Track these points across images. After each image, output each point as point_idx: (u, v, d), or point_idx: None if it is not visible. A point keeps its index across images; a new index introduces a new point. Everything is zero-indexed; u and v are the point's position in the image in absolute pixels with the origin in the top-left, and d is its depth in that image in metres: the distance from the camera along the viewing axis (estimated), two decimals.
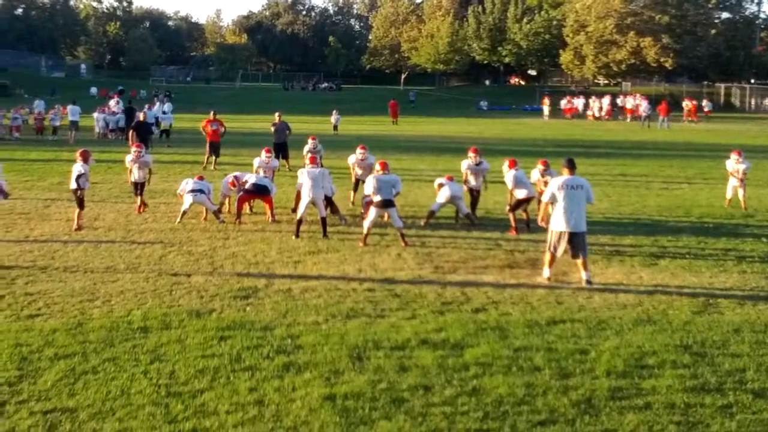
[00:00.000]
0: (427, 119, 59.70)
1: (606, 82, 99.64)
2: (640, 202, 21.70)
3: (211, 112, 30.98)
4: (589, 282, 12.95)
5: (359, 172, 20.17)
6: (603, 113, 67.63)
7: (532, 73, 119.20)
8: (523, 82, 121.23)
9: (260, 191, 18.64)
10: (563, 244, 13.08)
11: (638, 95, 70.93)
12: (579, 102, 72.66)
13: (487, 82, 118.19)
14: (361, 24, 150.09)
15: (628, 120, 63.91)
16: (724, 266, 14.48)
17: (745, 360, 9.59)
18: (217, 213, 18.32)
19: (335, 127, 46.74)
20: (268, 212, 18.75)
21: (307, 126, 43.64)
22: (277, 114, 30.77)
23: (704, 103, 69.72)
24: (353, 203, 20.51)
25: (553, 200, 13.19)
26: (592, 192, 13.39)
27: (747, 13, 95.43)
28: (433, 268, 14.06)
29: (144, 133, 28.82)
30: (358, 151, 20.24)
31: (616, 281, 13.28)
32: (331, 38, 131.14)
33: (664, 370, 9.21)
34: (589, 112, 68.48)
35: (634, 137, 46.67)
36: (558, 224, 13.11)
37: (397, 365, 9.23)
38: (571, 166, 13.42)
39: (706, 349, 9.98)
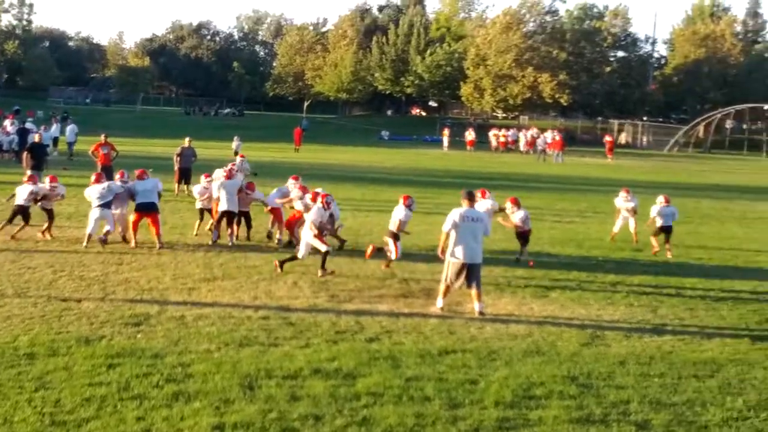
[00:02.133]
0: (329, 147, 59.86)
1: (504, 115, 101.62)
2: (533, 234, 22.08)
3: (102, 136, 30.30)
4: (481, 313, 13.14)
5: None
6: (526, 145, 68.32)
7: (433, 104, 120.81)
8: (424, 113, 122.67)
9: (148, 209, 18.14)
10: (461, 276, 13.21)
11: (556, 131, 72.04)
12: (505, 134, 73.11)
13: (389, 112, 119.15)
14: (266, 50, 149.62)
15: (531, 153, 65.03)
16: (612, 299, 14.88)
17: (630, 392, 9.84)
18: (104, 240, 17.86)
19: (236, 153, 46.40)
20: (154, 235, 18.14)
21: (208, 151, 43.24)
22: (187, 139, 30.52)
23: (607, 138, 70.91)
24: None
25: (452, 230, 13.27)
26: (489, 225, 13.74)
27: (641, 52, 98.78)
28: (329, 297, 14.09)
29: (39, 156, 28.03)
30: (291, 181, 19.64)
31: (507, 312, 13.51)
32: (235, 64, 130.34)
33: (551, 400, 9.39)
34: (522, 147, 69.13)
35: (529, 170, 47.59)
36: (456, 255, 13.27)
37: (288, 394, 9.21)
38: (470, 198, 13.66)
39: (592, 380, 10.22)
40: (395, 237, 16.78)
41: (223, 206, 18.68)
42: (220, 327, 11.87)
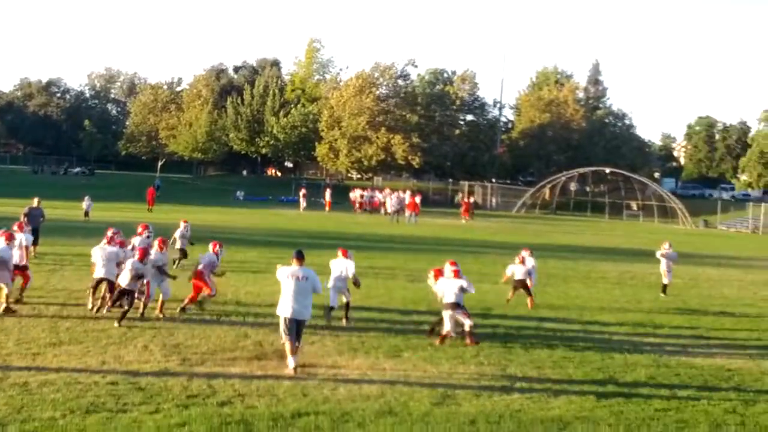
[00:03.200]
0: (183, 207, 58.95)
1: (359, 176, 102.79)
2: (387, 294, 22.36)
3: None
4: (295, 369, 13.41)
5: None
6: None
7: (289, 164, 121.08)
8: (279, 173, 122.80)
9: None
10: (293, 329, 13.64)
11: (417, 193, 72.87)
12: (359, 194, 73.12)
13: (245, 172, 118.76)
14: (119, 109, 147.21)
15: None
16: (463, 358, 15.14)
17: None
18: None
19: (86, 213, 45.30)
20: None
21: (57, 211, 42.06)
22: (35, 199, 29.58)
23: (459, 197, 71.80)
24: None
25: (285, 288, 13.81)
26: (318, 282, 14.04)
27: (489, 116, 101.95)
28: (181, 360, 13.86)
29: None
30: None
31: (361, 373, 13.58)
32: (86, 122, 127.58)
33: None
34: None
35: (383, 231, 48.05)
36: (284, 311, 13.76)
37: None
38: (300, 257, 14.17)
39: None
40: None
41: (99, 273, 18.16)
42: (66, 393, 11.51)
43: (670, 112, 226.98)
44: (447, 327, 16.18)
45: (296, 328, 13.74)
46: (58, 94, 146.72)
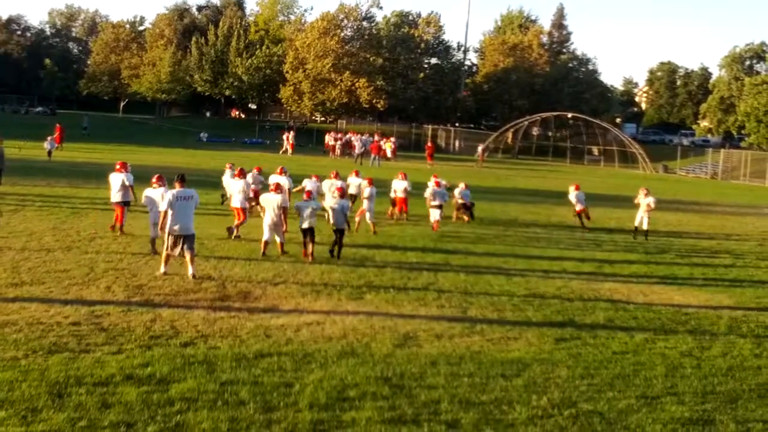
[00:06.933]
0: (146, 149, 58.32)
1: (323, 119, 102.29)
2: (349, 236, 22.37)
3: None
4: (194, 276, 15.80)
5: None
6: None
7: (253, 106, 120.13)
8: (243, 115, 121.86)
9: None
10: (178, 245, 15.83)
11: (392, 138, 72.73)
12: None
13: (208, 114, 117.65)
14: (80, 48, 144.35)
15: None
16: (425, 300, 15.32)
17: (440, 392, 10.18)
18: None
19: (49, 153, 44.86)
20: None
21: (19, 151, 41.62)
22: None
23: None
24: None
25: (169, 208, 15.92)
26: (198, 199, 16.69)
27: (454, 60, 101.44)
28: (144, 301, 13.91)
29: None
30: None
31: (323, 314, 13.68)
32: (47, 61, 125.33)
33: (364, 402, 9.61)
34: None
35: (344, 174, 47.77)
36: (172, 229, 15.89)
37: (99, 402, 9.04)
38: (182, 180, 16.49)
39: (404, 381, 10.51)
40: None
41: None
42: (28, 333, 11.50)
43: (633, 56, 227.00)
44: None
45: (186, 241, 15.89)
46: (18, 32, 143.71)
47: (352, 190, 26.53)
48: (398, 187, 27.47)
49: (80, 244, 19.09)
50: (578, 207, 28.30)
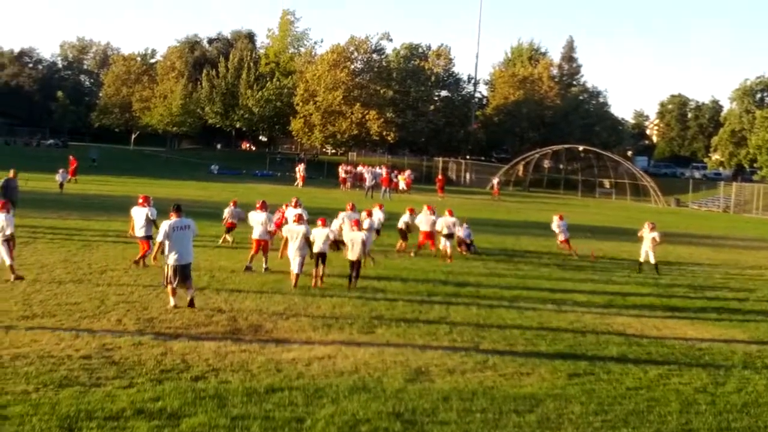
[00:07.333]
0: (157, 181, 58.57)
1: (333, 151, 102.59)
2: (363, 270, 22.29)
3: None
4: (191, 303, 15.96)
5: None
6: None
7: (263, 139, 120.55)
8: (254, 147, 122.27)
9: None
10: (177, 275, 15.74)
11: (408, 171, 72.80)
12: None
13: (219, 146, 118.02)
14: (92, 80, 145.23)
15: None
16: (437, 334, 15.22)
17: (453, 427, 10.09)
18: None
19: (61, 186, 45.00)
20: None
21: (30, 183, 41.76)
22: (12, 170, 29.46)
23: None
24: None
25: (166, 239, 15.87)
26: (195, 228, 16.62)
27: (464, 92, 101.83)
28: (155, 335, 13.84)
29: None
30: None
31: (334, 348, 13.60)
32: (59, 93, 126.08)
33: None
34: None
35: (359, 206, 47.83)
36: (171, 259, 15.83)
37: None
38: (178, 210, 16.44)
39: (416, 416, 10.42)
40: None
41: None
42: (39, 367, 11.46)
43: (643, 89, 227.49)
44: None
45: (184, 272, 15.86)
46: (30, 65, 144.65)
47: (376, 224, 27.47)
48: (422, 220, 27.32)
49: (91, 276, 19.07)
50: (561, 237, 29.48)
